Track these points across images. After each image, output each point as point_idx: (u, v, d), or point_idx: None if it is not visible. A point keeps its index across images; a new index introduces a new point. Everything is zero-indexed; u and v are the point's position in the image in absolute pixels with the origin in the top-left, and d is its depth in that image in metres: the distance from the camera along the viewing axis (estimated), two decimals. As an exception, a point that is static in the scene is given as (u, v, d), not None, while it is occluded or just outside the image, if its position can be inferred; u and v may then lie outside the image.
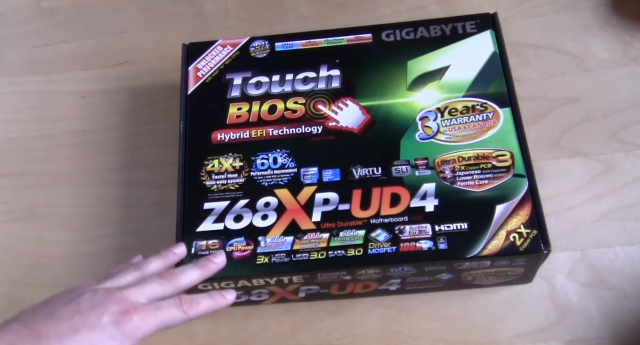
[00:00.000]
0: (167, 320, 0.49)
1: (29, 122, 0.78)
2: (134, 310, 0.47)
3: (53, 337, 0.44)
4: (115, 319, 0.46)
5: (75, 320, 0.45)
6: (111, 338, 0.45)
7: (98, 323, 0.45)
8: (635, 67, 0.75)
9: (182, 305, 0.49)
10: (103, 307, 0.46)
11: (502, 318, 0.63)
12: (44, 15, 0.86)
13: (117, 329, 0.46)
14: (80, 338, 0.45)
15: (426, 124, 0.63)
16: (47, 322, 0.45)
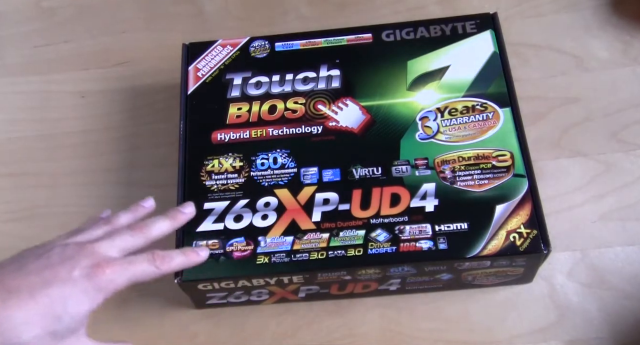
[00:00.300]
0: (139, 274, 0.48)
1: (29, 122, 0.78)
2: (106, 264, 0.47)
3: (24, 290, 0.44)
4: (87, 272, 0.46)
5: (45, 274, 0.45)
6: (83, 291, 0.45)
7: (69, 276, 0.45)
8: (635, 67, 0.75)
9: (154, 260, 0.49)
10: (74, 261, 0.46)
11: (502, 318, 0.63)
12: (44, 15, 0.86)
13: (89, 282, 0.46)
14: (51, 291, 0.44)
15: (426, 124, 0.63)
16: (16, 276, 0.45)
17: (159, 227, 0.53)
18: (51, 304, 0.44)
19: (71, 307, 0.45)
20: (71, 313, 0.45)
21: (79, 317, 0.46)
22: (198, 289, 0.60)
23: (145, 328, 0.65)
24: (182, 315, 0.65)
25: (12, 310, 0.43)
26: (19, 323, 0.43)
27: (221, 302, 0.63)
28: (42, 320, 0.44)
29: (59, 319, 0.44)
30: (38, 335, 0.44)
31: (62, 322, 0.45)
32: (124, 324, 0.66)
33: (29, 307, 0.44)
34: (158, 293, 0.66)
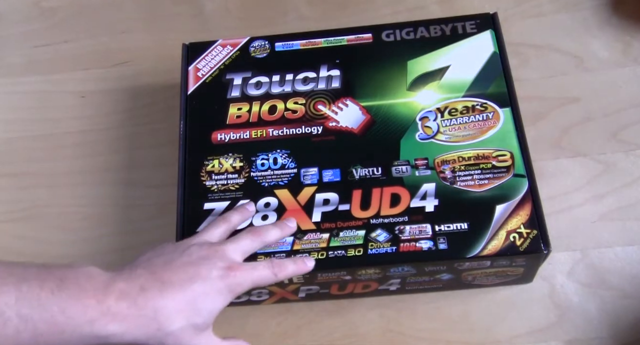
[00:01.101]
0: (260, 280, 0.53)
1: (29, 122, 0.78)
2: (236, 267, 0.52)
3: (176, 283, 0.49)
4: (222, 274, 0.51)
5: (190, 270, 0.50)
6: (218, 291, 0.50)
7: (209, 275, 0.50)
8: (635, 67, 0.75)
9: (273, 268, 0.54)
10: (211, 262, 0.51)
11: (502, 318, 0.63)
12: (44, 15, 0.86)
13: (222, 282, 0.51)
14: (196, 287, 0.49)
15: (426, 124, 0.63)
16: (166, 270, 0.50)
17: (272, 234, 0.57)
18: (195, 299, 0.49)
19: (209, 303, 0.50)
20: (209, 309, 0.50)
21: (214, 314, 0.51)
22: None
23: (145, 328, 0.65)
24: (182, 315, 0.65)
25: (168, 300, 0.48)
26: (171, 313, 0.48)
27: (221, 302, 0.63)
28: (188, 312, 0.49)
29: (199, 313, 0.49)
30: (183, 326, 0.48)
31: (202, 316, 0.49)
32: (124, 324, 0.66)
33: (179, 298, 0.49)
34: (158, 293, 0.66)
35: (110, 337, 0.46)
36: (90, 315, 0.45)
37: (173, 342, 0.49)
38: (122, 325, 0.46)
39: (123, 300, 0.47)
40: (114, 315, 0.46)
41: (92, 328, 0.45)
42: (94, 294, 0.46)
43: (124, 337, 0.47)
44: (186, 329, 0.49)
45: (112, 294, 0.47)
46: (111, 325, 0.46)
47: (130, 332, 0.47)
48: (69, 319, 0.45)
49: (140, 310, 0.47)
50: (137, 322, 0.47)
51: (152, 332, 0.48)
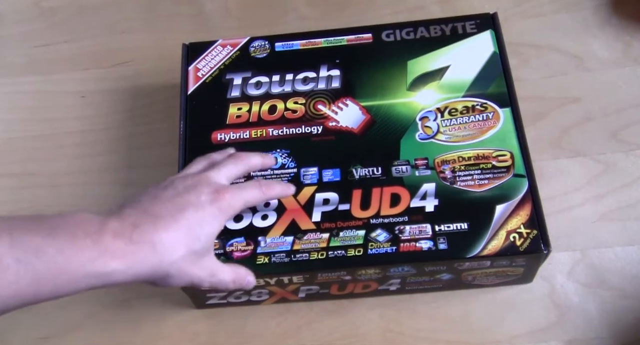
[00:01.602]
0: (250, 198, 0.55)
1: (29, 122, 0.78)
2: (224, 190, 0.53)
3: (166, 215, 0.49)
4: (211, 198, 0.52)
5: (178, 200, 0.51)
6: (211, 214, 0.51)
7: (198, 201, 0.51)
8: (635, 67, 0.75)
9: (261, 186, 0.56)
10: (197, 189, 0.52)
11: (502, 318, 0.63)
12: (44, 15, 0.86)
13: (213, 206, 0.51)
14: (188, 215, 0.50)
15: (426, 124, 0.63)
16: (155, 204, 0.50)
17: (253, 158, 0.59)
18: (190, 226, 0.50)
19: (205, 228, 0.51)
20: (206, 233, 0.51)
21: (211, 238, 0.51)
22: (198, 289, 0.60)
23: (145, 328, 0.65)
24: (182, 315, 0.65)
25: (163, 231, 0.48)
26: (169, 243, 0.48)
27: (221, 302, 0.63)
28: (186, 240, 0.49)
29: (197, 239, 0.50)
30: (184, 254, 0.49)
31: (200, 241, 0.50)
32: (125, 324, 0.66)
33: (174, 228, 0.49)
34: (158, 293, 0.66)
35: (113, 274, 0.46)
36: (89, 255, 0.45)
37: (177, 271, 0.49)
38: (124, 262, 0.46)
39: (119, 239, 0.46)
40: (113, 253, 0.46)
41: (94, 267, 0.45)
42: (88, 236, 0.45)
43: (127, 273, 0.46)
44: (188, 257, 0.49)
45: (106, 234, 0.46)
46: (112, 263, 0.45)
47: (133, 267, 0.46)
48: (68, 260, 0.44)
49: (138, 245, 0.47)
50: (138, 257, 0.47)
51: (156, 265, 0.48)
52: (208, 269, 0.52)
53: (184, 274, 0.50)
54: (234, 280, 0.54)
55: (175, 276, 0.49)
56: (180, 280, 0.50)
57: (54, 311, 0.67)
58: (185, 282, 0.51)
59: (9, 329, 0.66)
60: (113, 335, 0.65)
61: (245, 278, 0.55)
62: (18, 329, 0.66)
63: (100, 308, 0.67)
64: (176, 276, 0.49)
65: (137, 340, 0.65)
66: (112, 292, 0.67)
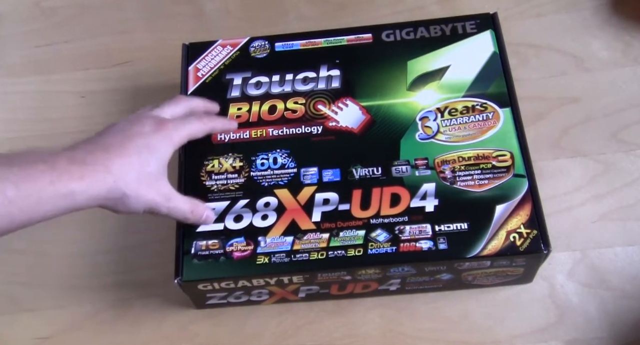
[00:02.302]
0: (193, 129, 0.60)
1: (29, 122, 0.78)
2: (166, 121, 0.58)
3: (116, 144, 0.54)
4: (154, 128, 0.56)
5: (124, 133, 0.55)
6: (157, 141, 0.56)
7: (143, 131, 0.56)
8: (635, 67, 0.75)
9: (202, 119, 0.61)
10: (141, 121, 0.57)
11: (502, 318, 0.63)
12: (44, 15, 0.86)
13: (158, 134, 0.56)
14: (135, 142, 0.55)
15: (426, 124, 0.63)
16: (103, 137, 0.55)
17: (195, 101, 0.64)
18: (138, 151, 0.54)
19: (153, 153, 0.55)
20: (155, 158, 0.55)
21: (161, 162, 0.56)
22: (198, 289, 0.60)
23: (145, 328, 0.65)
24: (182, 315, 0.65)
25: (114, 155, 0.53)
26: (121, 164, 0.52)
27: (221, 302, 0.63)
28: (137, 164, 0.53)
29: (147, 162, 0.54)
30: (137, 176, 0.53)
31: (150, 164, 0.54)
32: (125, 324, 0.66)
33: (124, 153, 0.53)
34: (158, 293, 0.66)
35: (75, 194, 0.49)
36: (49, 176, 0.48)
37: (133, 192, 0.53)
38: (82, 182, 0.49)
39: (73, 164, 0.50)
40: (70, 174, 0.49)
41: (55, 188, 0.48)
42: (44, 162, 0.49)
43: (88, 193, 0.50)
44: (141, 178, 0.53)
45: (61, 160, 0.50)
46: (71, 183, 0.49)
47: (92, 187, 0.50)
48: (31, 183, 0.47)
49: (92, 167, 0.51)
50: (94, 177, 0.50)
51: (111, 184, 0.51)
52: (163, 194, 0.55)
53: (140, 196, 0.53)
54: (192, 211, 0.58)
55: (132, 196, 0.53)
56: (137, 202, 0.54)
57: (54, 311, 0.67)
58: (142, 204, 0.54)
59: (9, 329, 0.66)
60: (113, 335, 0.65)
61: (204, 212, 0.59)
62: (18, 329, 0.66)
63: (100, 308, 0.67)
64: (133, 196, 0.53)
65: (137, 340, 0.65)
66: (112, 292, 0.67)
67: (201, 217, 0.58)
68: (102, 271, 0.68)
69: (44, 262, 0.69)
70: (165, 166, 0.56)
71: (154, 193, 0.54)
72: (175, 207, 0.56)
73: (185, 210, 0.57)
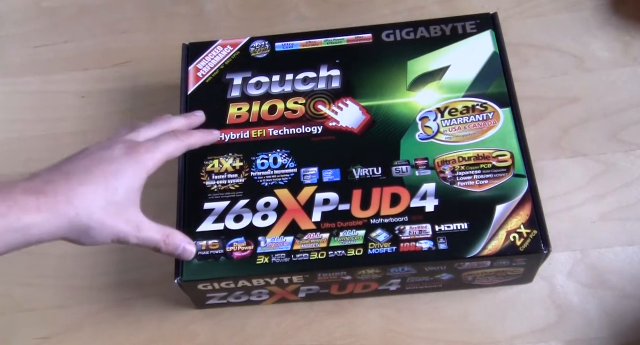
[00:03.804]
0: (168, 148, 0.55)
1: (29, 122, 0.78)
2: (138, 144, 0.53)
3: (80, 170, 0.49)
4: (125, 151, 0.52)
5: (91, 158, 0.51)
6: (129, 165, 0.51)
7: (112, 156, 0.51)
8: (635, 67, 0.75)
9: (177, 136, 0.56)
10: (111, 146, 0.52)
11: (502, 318, 0.63)
12: (44, 15, 0.86)
13: (129, 158, 0.51)
14: (102, 167, 0.50)
15: (426, 124, 0.63)
16: (67, 163, 0.50)
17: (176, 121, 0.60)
18: (105, 177, 0.49)
19: (122, 180, 0.50)
20: (124, 185, 0.50)
21: (131, 190, 0.51)
22: (198, 289, 0.60)
23: (145, 328, 0.65)
24: (182, 315, 0.66)
25: (77, 185, 0.48)
26: (85, 194, 0.48)
27: (221, 302, 0.63)
28: (102, 192, 0.49)
29: (115, 190, 0.50)
30: (102, 206, 0.48)
31: (118, 193, 0.50)
32: (125, 324, 0.66)
33: (88, 181, 0.49)
34: (158, 293, 0.66)
35: (31, 228, 0.45)
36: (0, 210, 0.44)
37: (98, 223, 0.48)
38: (37, 216, 0.45)
39: (29, 194, 0.45)
40: (24, 207, 0.45)
41: (7, 222, 0.44)
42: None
43: (45, 227, 0.46)
44: (107, 208, 0.49)
45: (15, 191, 0.45)
46: (25, 217, 0.44)
47: (49, 221, 0.46)
48: None
49: (51, 198, 0.46)
50: (53, 210, 0.46)
51: (73, 217, 0.47)
52: (133, 223, 0.51)
53: (107, 227, 0.49)
54: (165, 241, 0.53)
55: (97, 228, 0.48)
56: (103, 234, 0.49)
57: (54, 311, 0.67)
58: (109, 235, 0.50)
59: (9, 329, 0.66)
60: (113, 335, 0.65)
61: (181, 243, 0.55)
62: (18, 329, 0.66)
63: (100, 308, 0.67)
64: (98, 228, 0.48)
65: (137, 340, 0.65)
66: (112, 292, 0.67)
67: (176, 249, 0.54)
68: (102, 271, 0.68)
69: (44, 262, 0.69)
70: (136, 193, 0.51)
71: (121, 223, 0.50)
72: (146, 237, 0.52)
73: (158, 240, 0.53)
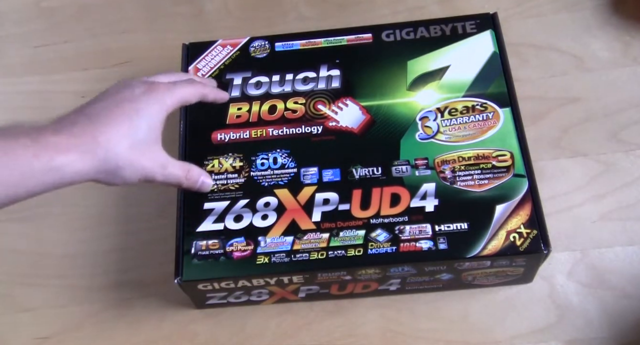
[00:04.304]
0: (186, 92, 0.56)
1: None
2: (157, 84, 0.55)
3: (103, 111, 0.51)
4: (144, 90, 0.53)
5: (112, 99, 0.52)
6: (148, 104, 0.52)
7: (133, 95, 0.52)
8: (635, 67, 0.75)
9: (193, 83, 0.58)
10: (131, 86, 0.54)
11: (502, 318, 0.63)
12: (44, 15, 0.86)
13: (148, 97, 0.53)
14: (123, 107, 0.51)
15: (426, 124, 0.63)
16: (90, 106, 0.52)
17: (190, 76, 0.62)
18: (129, 117, 0.51)
19: (144, 117, 0.52)
20: (147, 122, 0.52)
21: (154, 127, 0.53)
22: (198, 289, 0.60)
23: (145, 328, 0.65)
24: (182, 315, 0.66)
25: (102, 125, 0.49)
26: (111, 134, 0.49)
27: (221, 302, 0.64)
28: (127, 131, 0.50)
29: (138, 128, 0.51)
30: (129, 144, 0.50)
31: (142, 130, 0.51)
32: (125, 324, 0.66)
33: (112, 121, 0.50)
34: (158, 293, 0.66)
35: (64, 168, 0.47)
36: (33, 150, 0.45)
37: (126, 162, 0.50)
38: (70, 155, 0.47)
39: (59, 135, 0.47)
40: (56, 147, 0.46)
41: (40, 161, 0.45)
42: (27, 135, 0.46)
43: (77, 166, 0.47)
44: (134, 147, 0.50)
45: (46, 132, 0.47)
46: (58, 156, 0.46)
47: (81, 160, 0.47)
48: (13, 156, 0.44)
49: (80, 138, 0.48)
50: (83, 150, 0.47)
51: (102, 156, 0.48)
52: (158, 161, 0.53)
53: (135, 165, 0.51)
54: (187, 177, 0.56)
55: (126, 167, 0.50)
56: (132, 173, 0.51)
57: (54, 311, 0.67)
58: (137, 174, 0.51)
59: (9, 329, 0.66)
60: (113, 335, 0.65)
61: (199, 177, 0.57)
62: (18, 329, 0.66)
63: (100, 308, 0.67)
64: (127, 167, 0.50)
65: (137, 340, 0.65)
66: (112, 292, 0.67)
67: (196, 183, 0.57)
68: (102, 271, 0.68)
69: (44, 262, 0.69)
70: (158, 130, 0.53)
71: (147, 161, 0.52)
72: (170, 174, 0.54)
73: (180, 176, 0.55)
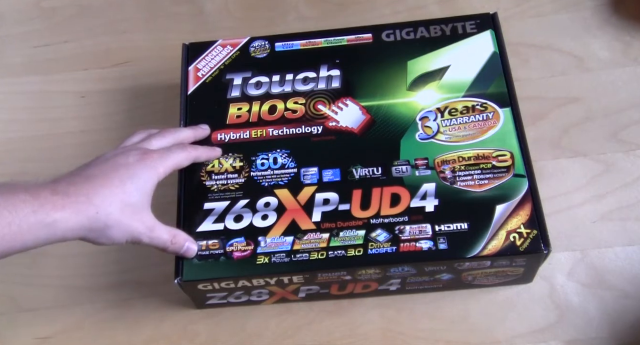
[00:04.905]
0: (178, 159, 0.59)
1: (29, 122, 0.78)
2: (152, 152, 0.57)
3: (99, 175, 0.54)
4: (139, 158, 0.56)
5: (109, 163, 0.55)
6: (142, 171, 0.55)
7: (127, 162, 0.55)
8: (635, 67, 0.75)
9: (185, 148, 0.60)
10: (126, 153, 0.57)
11: (502, 318, 0.63)
12: (44, 15, 0.86)
13: (142, 163, 0.56)
14: (118, 173, 0.54)
15: (426, 124, 0.63)
16: (87, 169, 0.55)
17: (185, 132, 0.63)
18: (122, 181, 0.54)
19: (138, 183, 0.55)
20: (139, 188, 0.55)
21: (145, 193, 0.55)
22: (198, 289, 0.60)
23: (145, 328, 0.65)
24: (182, 315, 0.66)
25: (97, 186, 0.53)
26: (104, 195, 0.52)
27: (221, 302, 0.64)
28: (119, 194, 0.53)
29: (131, 193, 0.54)
30: (120, 206, 0.53)
31: (134, 195, 0.54)
32: (125, 324, 0.66)
33: (106, 184, 0.53)
34: (158, 293, 0.66)
35: (57, 224, 0.49)
36: (31, 206, 0.48)
37: (115, 222, 0.52)
38: (64, 212, 0.49)
39: (56, 194, 0.50)
40: (53, 204, 0.49)
41: (37, 217, 0.48)
42: (27, 193, 0.49)
43: (69, 223, 0.50)
44: (124, 209, 0.53)
45: (44, 190, 0.50)
46: (54, 213, 0.49)
47: (73, 218, 0.50)
48: (12, 211, 0.47)
49: (75, 198, 0.51)
50: (76, 208, 0.50)
51: (93, 215, 0.51)
52: (146, 224, 0.55)
53: (123, 226, 0.53)
54: (172, 241, 0.57)
55: (114, 227, 0.53)
56: (119, 233, 0.53)
57: (54, 311, 0.67)
58: (125, 234, 0.54)
59: (9, 329, 0.66)
60: (113, 335, 0.65)
61: (185, 242, 0.58)
62: (18, 329, 0.66)
63: (100, 308, 0.67)
64: (115, 227, 0.53)
65: (137, 340, 0.65)
66: (112, 292, 0.67)
67: (181, 248, 0.58)
68: (102, 271, 0.68)
69: (44, 262, 0.69)
70: (148, 196, 0.56)
71: (136, 223, 0.54)
72: (156, 237, 0.56)
73: (166, 240, 0.56)
